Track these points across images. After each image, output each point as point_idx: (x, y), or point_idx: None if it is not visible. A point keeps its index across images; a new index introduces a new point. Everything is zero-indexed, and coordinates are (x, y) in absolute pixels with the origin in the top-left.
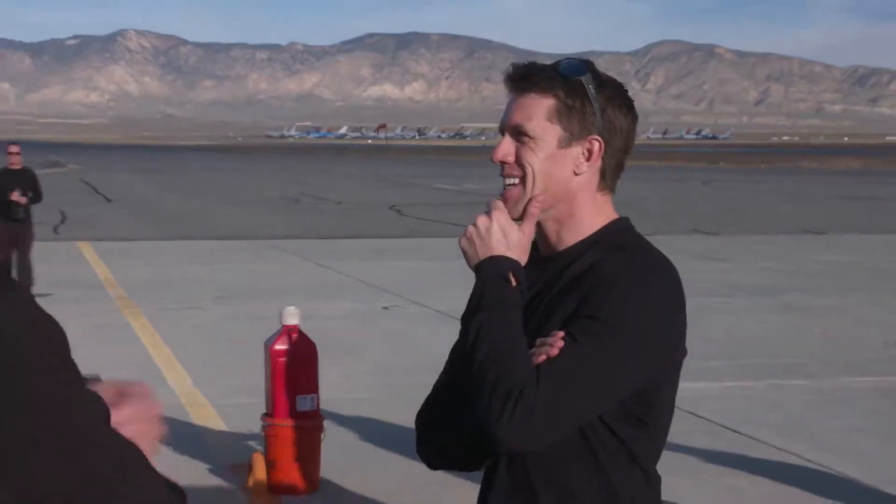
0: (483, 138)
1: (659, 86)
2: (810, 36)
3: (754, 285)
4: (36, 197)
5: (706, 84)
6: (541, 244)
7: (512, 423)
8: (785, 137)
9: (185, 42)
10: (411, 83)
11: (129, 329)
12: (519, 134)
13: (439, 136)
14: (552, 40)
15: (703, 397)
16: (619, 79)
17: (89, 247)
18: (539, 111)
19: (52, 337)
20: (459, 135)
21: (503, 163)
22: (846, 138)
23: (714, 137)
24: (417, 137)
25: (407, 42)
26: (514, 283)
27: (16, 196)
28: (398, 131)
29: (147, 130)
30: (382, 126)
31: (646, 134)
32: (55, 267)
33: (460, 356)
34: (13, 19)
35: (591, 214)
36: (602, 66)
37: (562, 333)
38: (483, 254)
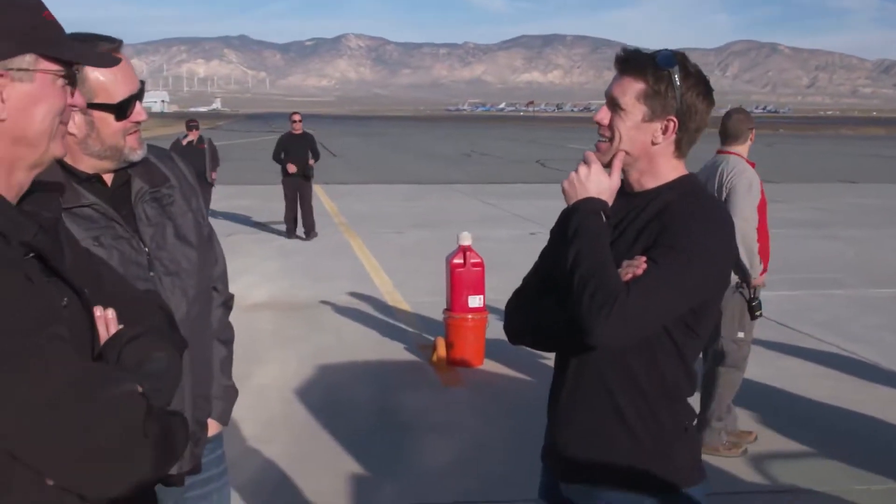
0: None
1: (735, 74)
2: (848, 36)
3: (804, 220)
4: (315, 156)
5: (770, 72)
6: (626, 185)
7: (608, 323)
8: (829, 112)
9: (389, 42)
10: (552, 71)
11: (349, 247)
12: (614, 105)
13: (572, 110)
14: (656, 39)
15: (765, 302)
16: (704, 69)
17: (321, 189)
18: (631, 91)
19: None
20: (587, 108)
21: (600, 124)
22: (874, 113)
23: (776, 112)
24: (556, 111)
25: (549, 41)
26: (604, 218)
27: (290, 168)
28: (542, 106)
29: (361, 106)
30: (531, 102)
31: (724, 109)
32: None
33: (547, 262)
34: (269, 27)
35: (666, 168)
36: (692, 58)
37: (644, 258)
38: (581, 194)
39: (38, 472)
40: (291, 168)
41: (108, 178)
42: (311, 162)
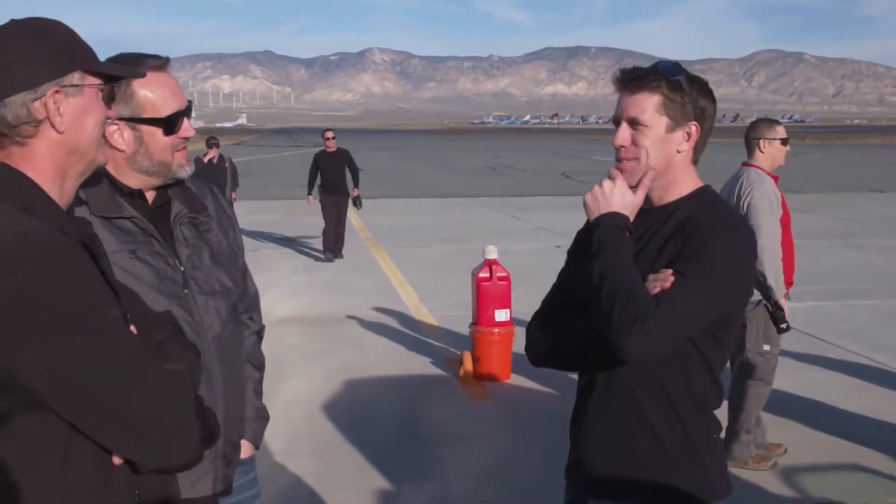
0: None
1: (761, 83)
2: (874, 45)
3: (831, 230)
4: (354, 173)
5: (796, 81)
6: (645, 201)
7: (639, 338)
8: (856, 121)
9: (413, 56)
10: (577, 83)
11: (375, 261)
12: (635, 123)
13: (597, 122)
14: (680, 50)
15: (792, 313)
16: (729, 79)
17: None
18: (650, 105)
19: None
20: (612, 120)
21: (622, 146)
22: None
23: (802, 121)
24: (581, 122)
25: (573, 53)
26: (627, 233)
27: (309, 200)
28: (567, 118)
29: (385, 120)
30: (555, 114)
31: (751, 119)
32: (317, 208)
33: (566, 282)
34: (293, 42)
35: (685, 180)
36: (717, 69)
37: (671, 271)
38: (604, 209)
39: (96, 446)
40: (310, 201)
41: (150, 198)
42: (356, 192)
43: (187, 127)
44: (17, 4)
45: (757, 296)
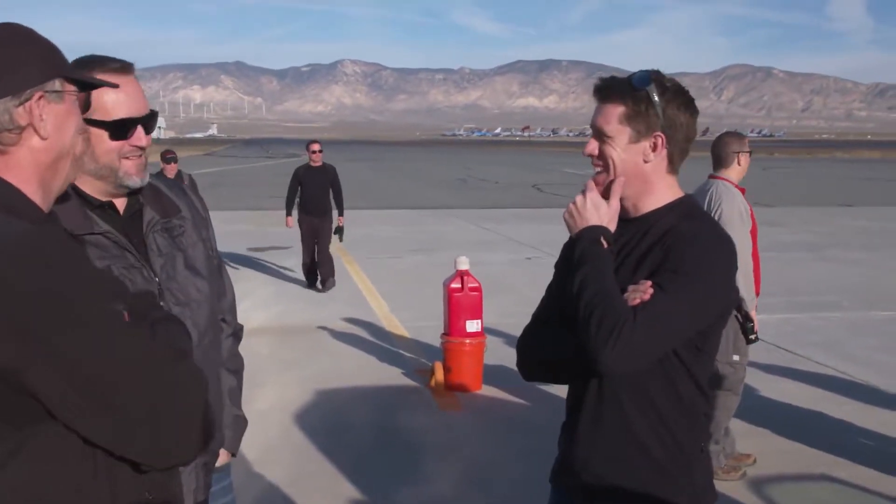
0: None
1: (730, 98)
2: (843, 60)
3: (800, 243)
4: (336, 193)
5: (765, 96)
6: (624, 210)
7: (616, 350)
8: (824, 136)
9: (385, 67)
10: (548, 96)
11: (346, 272)
12: (600, 134)
13: (568, 135)
14: (651, 63)
15: (762, 325)
16: (699, 93)
17: None
18: (613, 116)
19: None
20: (583, 133)
21: (591, 156)
22: (869, 136)
23: (771, 135)
24: (552, 135)
25: (545, 66)
26: (605, 245)
27: (288, 223)
28: (538, 131)
29: (357, 131)
30: (527, 127)
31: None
32: (295, 228)
33: (554, 295)
34: (265, 53)
35: (663, 189)
36: (687, 82)
37: (650, 283)
38: (581, 224)
39: (91, 444)
40: (289, 223)
41: (121, 207)
42: (341, 220)
43: (139, 136)
44: None
45: None
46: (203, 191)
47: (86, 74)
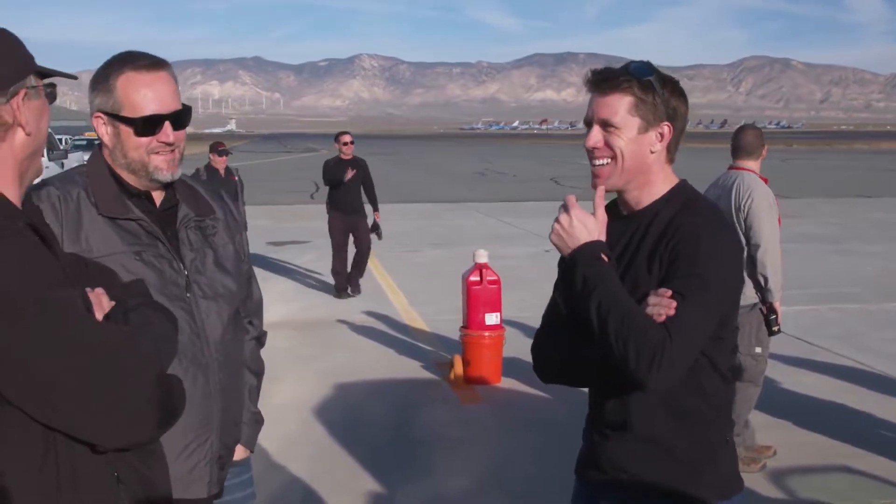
0: None
1: (748, 89)
2: (861, 51)
3: (819, 235)
4: (368, 189)
5: (784, 87)
6: (623, 206)
7: (660, 373)
8: (843, 127)
9: (402, 62)
10: (565, 89)
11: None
12: (606, 125)
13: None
14: (668, 56)
15: (782, 317)
16: (717, 85)
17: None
18: (622, 106)
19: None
20: (584, 122)
21: (595, 148)
22: (888, 127)
23: (789, 127)
24: (570, 128)
25: (562, 60)
26: (606, 259)
27: (349, 175)
28: (556, 124)
29: (374, 126)
30: (544, 120)
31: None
32: (313, 222)
33: (562, 293)
34: (283, 48)
35: (661, 180)
36: (705, 75)
37: (670, 293)
38: (573, 244)
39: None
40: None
41: (157, 199)
42: (377, 216)
43: (167, 132)
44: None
45: (752, 299)
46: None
47: (44, 69)
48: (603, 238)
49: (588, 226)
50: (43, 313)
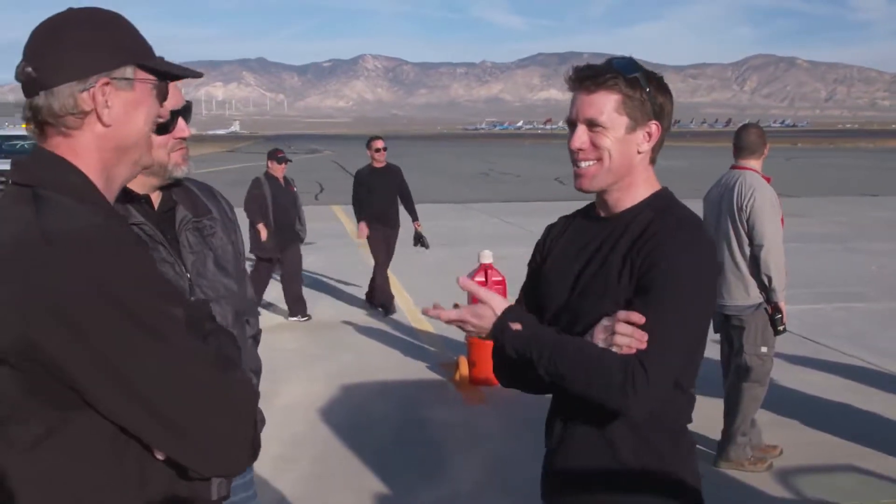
0: None
1: (753, 88)
2: (866, 50)
3: (825, 234)
4: (405, 197)
5: (788, 86)
6: (602, 208)
7: (637, 404)
8: (847, 125)
9: (406, 62)
10: None
11: (368, 267)
12: (592, 124)
13: None
14: (673, 54)
15: (788, 316)
16: (722, 84)
17: (340, 209)
18: (608, 105)
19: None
20: (566, 122)
21: (580, 149)
22: (894, 125)
23: (794, 125)
24: None
25: (566, 59)
26: (519, 325)
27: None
28: (560, 123)
29: (378, 126)
30: (548, 120)
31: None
32: (318, 223)
33: (528, 295)
34: (286, 49)
35: (643, 183)
36: (710, 73)
37: (637, 315)
38: (487, 327)
39: (140, 444)
40: (364, 231)
41: (155, 202)
42: (418, 225)
43: (182, 127)
44: None
45: (757, 299)
46: (226, 188)
47: (162, 62)
48: (503, 300)
49: (484, 311)
50: (165, 330)
